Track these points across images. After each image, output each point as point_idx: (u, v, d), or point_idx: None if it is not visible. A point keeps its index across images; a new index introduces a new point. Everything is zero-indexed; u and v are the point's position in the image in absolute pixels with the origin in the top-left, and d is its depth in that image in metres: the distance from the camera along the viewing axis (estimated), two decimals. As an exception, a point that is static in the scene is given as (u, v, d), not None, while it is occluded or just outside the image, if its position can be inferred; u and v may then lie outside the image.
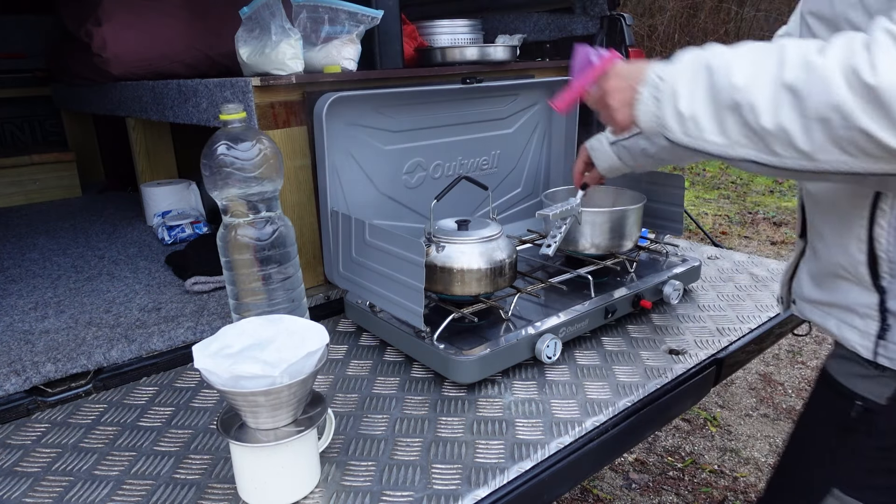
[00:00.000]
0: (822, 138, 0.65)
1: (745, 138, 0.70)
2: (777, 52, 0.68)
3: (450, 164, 1.63)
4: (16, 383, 1.10)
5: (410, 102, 1.50)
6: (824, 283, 0.87)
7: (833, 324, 0.85)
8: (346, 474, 0.91)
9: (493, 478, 0.89)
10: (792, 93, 0.65)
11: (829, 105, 0.63)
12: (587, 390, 1.12)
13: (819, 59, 0.64)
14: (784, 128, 0.66)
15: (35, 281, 1.64)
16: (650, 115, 0.80)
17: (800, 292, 0.93)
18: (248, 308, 1.14)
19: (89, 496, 0.88)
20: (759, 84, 0.68)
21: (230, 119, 1.07)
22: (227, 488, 0.89)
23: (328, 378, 1.19)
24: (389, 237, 1.16)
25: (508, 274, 1.25)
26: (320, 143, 1.30)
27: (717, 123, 0.72)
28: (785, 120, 0.66)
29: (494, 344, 1.14)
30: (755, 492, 2.10)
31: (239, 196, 1.09)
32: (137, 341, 1.24)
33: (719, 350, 1.28)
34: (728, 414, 2.54)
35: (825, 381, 0.91)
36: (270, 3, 1.40)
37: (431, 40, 1.84)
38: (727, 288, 1.58)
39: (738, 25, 7.59)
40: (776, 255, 4.21)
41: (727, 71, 0.71)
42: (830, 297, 0.85)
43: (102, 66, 1.91)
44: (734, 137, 0.71)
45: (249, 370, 0.79)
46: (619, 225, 1.43)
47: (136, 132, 2.31)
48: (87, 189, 2.84)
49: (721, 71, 0.72)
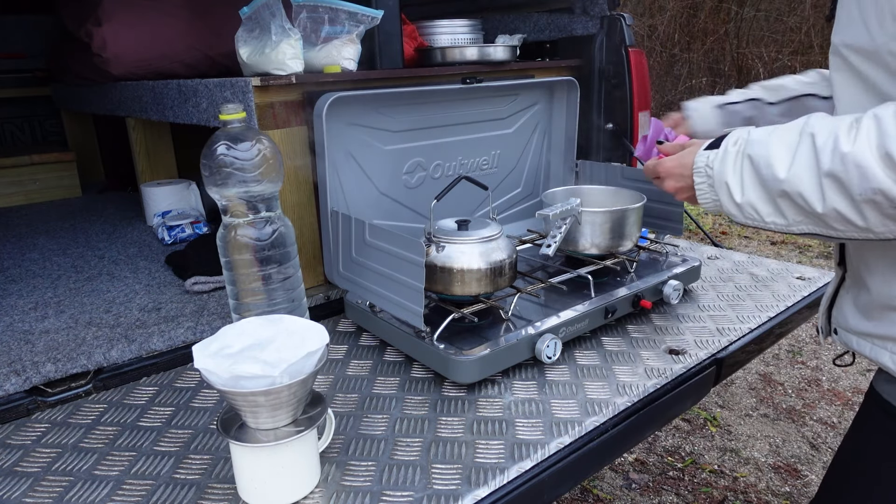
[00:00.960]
0: (874, 216, 0.67)
1: (802, 219, 0.74)
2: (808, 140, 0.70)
3: (450, 164, 1.63)
4: (16, 383, 1.10)
5: (410, 102, 1.50)
6: (877, 316, 0.85)
7: (887, 357, 0.84)
8: (346, 474, 0.91)
9: (493, 478, 0.89)
10: (834, 180, 0.68)
11: (873, 190, 0.65)
12: (587, 390, 1.12)
13: (850, 146, 0.66)
14: (837, 210, 0.69)
15: (35, 281, 1.64)
16: (710, 201, 0.85)
17: (843, 323, 0.92)
18: (247, 308, 1.14)
19: (89, 496, 0.88)
20: (801, 174, 0.71)
21: (230, 119, 1.07)
22: (227, 488, 0.89)
23: (328, 378, 1.19)
24: (389, 237, 1.16)
25: (508, 274, 1.25)
26: (320, 143, 1.30)
27: (774, 208, 0.76)
28: (836, 204, 0.69)
29: (494, 344, 1.14)
30: (755, 492, 2.11)
31: (239, 196, 1.09)
32: (137, 341, 1.24)
33: (719, 350, 1.28)
34: (728, 414, 2.54)
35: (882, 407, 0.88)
36: (270, 3, 1.40)
37: (431, 40, 1.84)
38: (727, 288, 1.58)
39: (738, 25, 7.59)
40: (776, 256, 4.21)
41: (767, 162, 0.74)
42: (884, 330, 0.84)
43: (102, 66, 1.91)
44: (792, 219, 0.75)
45: (249, 370, 0.79)
46: (619, 225, 1.43)
47: (136, 132, 2.31)
48: (87, 189, 2.83)
49: (762, 162, 0.75)
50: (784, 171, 0.72)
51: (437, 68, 1.67)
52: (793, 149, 0.72)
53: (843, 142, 0.67)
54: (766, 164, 0.75)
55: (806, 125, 0.73)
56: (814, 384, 2.73)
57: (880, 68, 0.74)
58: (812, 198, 0.71)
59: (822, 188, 0.69)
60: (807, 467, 2.22)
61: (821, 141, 0.69)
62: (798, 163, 0.71)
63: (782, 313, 1.44)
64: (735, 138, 0.82)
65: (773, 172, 0.74)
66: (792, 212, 0.74)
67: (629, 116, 1.91)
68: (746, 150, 0.78)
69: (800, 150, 0.72)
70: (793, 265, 1.73)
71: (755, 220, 0.79)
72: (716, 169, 0.82)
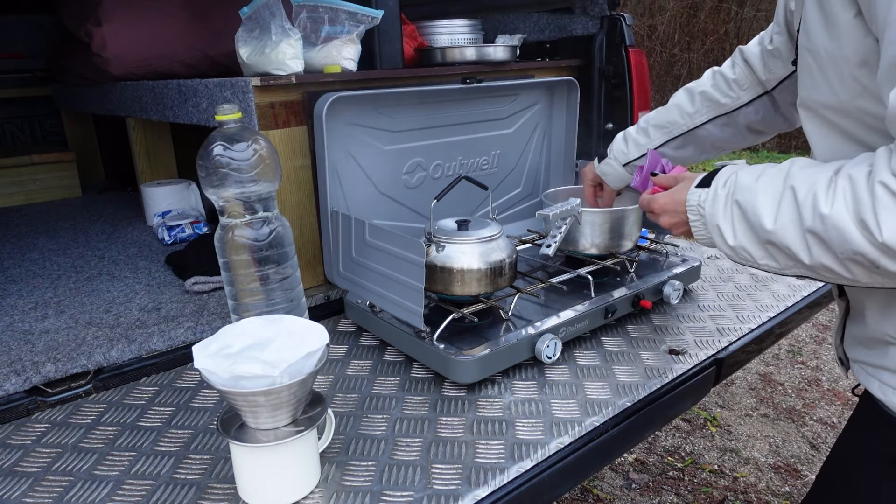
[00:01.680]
0: (859, 271, 0.69)
1: (793, 265, 0.75)
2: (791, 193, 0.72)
3: (450, 164, 1.63)
4: (16, 383, 1.10)
5: (410, 102, 1.50)
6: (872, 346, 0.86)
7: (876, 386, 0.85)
8: (346, 474, 0.91)
9: (493, 478, 0.89)
10: (817, 238, 0.69)
11: (854, 251, 0.67)
12: (587, 390, 1.12)
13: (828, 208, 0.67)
14: (823, 264, 0.71)
15: (35, 281, 1.64)
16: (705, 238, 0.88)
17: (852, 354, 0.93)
18: (246, 308, 1.14)
19: (89, 496, 0.88)
20: (787, 227, 0.72)
21: (226, 119, 1.07)
22: (227, 488, 0.89)
23: (328, 378, 1.19)
24: (389, 237, 1.16)
25: (508, 274, 1.25)
26: (320, 143, 1.30)
27: (766, 253, 0.77)
28: (821, 259, 0.71)
29: (494, 344, 1.14)
30: (755, 492, 2.11)
31: (235, 196, 1.09)
32: (137, 341, 1.24)
33: (719, 350, 1.28)
34: (728, 414, 2.54)
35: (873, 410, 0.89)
36: (270, 3, 1.40)
37: (431, 40, 1.84)
38: (727, 288, 1.58)
39: (738, 25, 7.59)
40: (776, 255, 4.20)
41: (755, 211, 0.76)
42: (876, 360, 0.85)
43: (102, 66, 1.91)
44: (784, 264, 0.77)
45: (249, 370, 0.79)
46: (619, 225, 1.43)
47: (136, 132, 2.31)
48: (87, 189, 2.84)
49: (749, 210, 0.77)
50: (770, 222, 0.74)
51: (437, 68, 1.66)
52: (777, 199, 0.74)
53: (822, 202, 0.68)
54: (753, 212, 0.77)
55: (788, 175, 0.74)
56: (814, 384, 2.73)
57: (852, 120, 0.75)
58: (798, 251, 0.72)
59: (808, 243, 0.71)
60: (807, 467, 2.21)
61: (801, 196, 0.71)
62: (782, 216, 0.73)
63: (782, 313, 1.44)
64: (724, 180, 0.83)
65: (761, 222, 0.75)
66: (782, 258, 0.76)
67: (629, 116, 1.91)
68: (735, 196, 0.80)
69: (783, 202, 0.73)
70: (793, 265, 1.73)
71: (749, 262, 0.81)
72: (707, 210, 0.84)
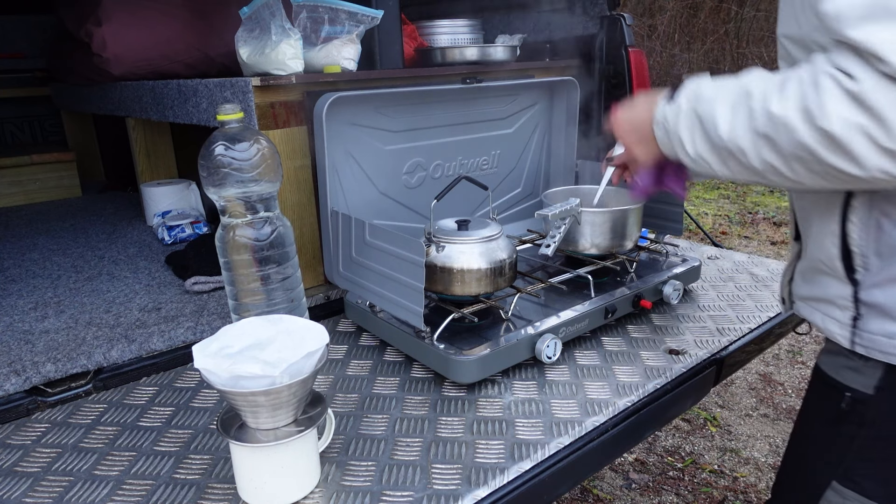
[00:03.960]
0: (803, 171, 0.73)
1: (745, 172, 0.80)
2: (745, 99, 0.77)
3: (450, 164, 1.63)
4: (16, 383, 1.10)
5: (410, 102, 1.50)
6: (810, 279, 0.92)
7: (818, 317, 0.90)
8: (346, 474, 0.91)
9: (493, 478, 0.89)
10: (766, 139, 0.74)
11: (799, 146, 0.71)
12: (587, 390, 1.12)
13: (778, 106, 0.72)
14: (771, 164, 0.75)
15: (35, 281, 1.64)
16: (669, 151, 0.92)
17: (795, 291, 0.98)
18: (247, 308, 1.14)
19: (89, 496, 0.88)
20: (739, 133, 0.77)
21: (227, 119, 1.07)
22: (227, 488, 0.89)
23: (328, 378, 1.19)
24: (389, 237, 1.16)
25: (508, 274, 1.25)
26: (320, 143, 1.30)
27: (720, 161, 0.82)
28: (769, 159, 0.75)
29: (494, 344, 1.14)
30: (755, 492, 2.10)
31: (237, 196, 1.09)
32: (137, 341, 1.24)
33: (719, 350, 1.28)
34: (728, 414, 2.54)
35: (818, 375, 0.95)
36: (270, 3, 1.40)
37: (431, 40, 1.84)
38: (727, 288, 1.58)
39: (737, 25, 7.58)
40: (776, 255, 4.21)
41: (712, 120, 0.81)
42: (815, 292, 0.91)
43: (102, 66, 1.91)
44: (735, 171, 0.81)
45: (249, 370, 0.79)
46: (619, 225, 1.43)
47: (136, 132, 2.31)
48: (87, 189, 2.83)
49: (708, 120, 0.82)
50: (726, 128, 0.79)
51: (437, 68, 1.66)
52: (732, 107, 0.78)
53: (773, 103, 0.72)
54: (711, 121, 0.81)
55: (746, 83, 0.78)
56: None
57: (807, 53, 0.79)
58: (749, 153, 0.77)
59: (757, 145, 0.75)
60: (807, 467, 2.21)
61: (755, 101, 0.75)
62: (737, 122, 0.77)
63: (782, 313, 1.44)
64: (689, 91, 0.87)
65: (717, 130, 0.80)
66: (735, 167, 0.81)
67: (629, 116, 1.91)
68: (696, 108, 0.84)
69: (738, 109, 0.77)
70: (793, 265, 1.73)
71: (707, 171, 0.86)
72: (671, 122, 0.89)
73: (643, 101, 0.98)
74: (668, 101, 0.90)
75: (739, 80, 0.80)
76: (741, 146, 0.77)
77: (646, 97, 0.98)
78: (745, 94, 0.77)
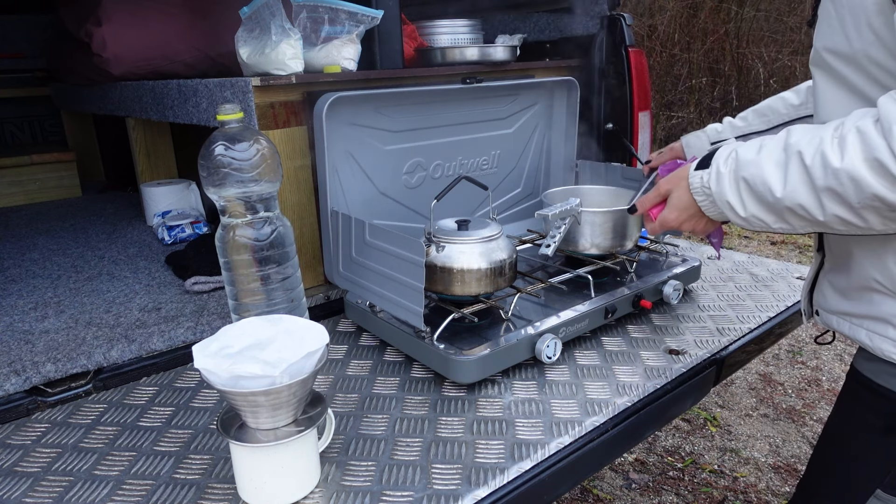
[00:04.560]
0: (874, 217, 0.72)
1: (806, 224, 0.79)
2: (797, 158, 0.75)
3: (450, 164, 1.63)
4: (16, 383, 1.10)
5: (410, 102, 1.50)
6: (853, 296, 0.90)
7: (863, 334, 0.89)
8: (346, 474, 0.91)
9: (493, 478, 0.89)
10: (831, 192, 0.72)
11: (871, 197, 0.69)
12: (587, 390, 1.12)
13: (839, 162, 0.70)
14: (838, 216, 0.74)
15: (35, 281, 1.64)
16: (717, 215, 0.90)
17: (824, 304, 0.97)
18: (247, 308, 1.14)
19: (89, 496, 0.88)
20: (798, 190, 0.75)
21: (227, 119, 1.07)
22: (227, 488, 0.89)
23: (328, 378, 1.19)
24: (389, 237, 1.16)
25: (508, 274, 1.25)
26: (320, 143, 1.30)
27: (778, 218, 0.80)
28: (836, 212, 0.73)
29: (494, 344, 1.14)
30: (755, 492, 2.11)
31: (237, 196, 1.09)
32: (137, 341, 1.24)
33: (719, 350, 1.28)
34: (728, 414, 2.54)
35: (860, 381, 0.93)
36: (270, 3, 1.40)
37: (431, 40, 1.84)
38: (727, 288, 1.58)
39: (737, 25, 7.58)
40: (776, 255, 4.21)
41: (763, 182, 0.79)
42: (862, 310, 0.89)
43: (102, 66, 1.91)
44: (797, 225, 0.79)
45: (249, 370, 0.79)
46: (619, 225, 1.43)
47: (136, 132, 2.31)
48: (87, 189, 2.84)
49: (758, 182, 0.79)
50: (780, 189, 0.77)
51: (437, 68, 1.66)
52: (783, 167, 0.77)
53: (831, 157, 0.71)
54: (762, 183, 0.79)
55: (789, 142, 0.77)
56: (814, 384, 2.73)
57: (859, 72, 0.78)
58: (812, 209, 0.75)
59: (821, 201, 0.74)
60: (807, 467, 2.22)
61: (809, 159, 0.74)
62: (792, 180, 0.76)
63: (782, 313, 1.44)
64: (724, 158, 0.86)
65: (771, 191, 0.78)
66: (795, 220, 0.79)
67: (629, 116, 1.91)
68: (740, 173, 0.82)
69: (790, 168, 0.76)
70: (793, 265, 1.73)
71: (764, 228, 0.84)
72: (714, 189, 0.87)
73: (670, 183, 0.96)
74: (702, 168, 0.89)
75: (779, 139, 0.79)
76: (801, 202, 0.76)
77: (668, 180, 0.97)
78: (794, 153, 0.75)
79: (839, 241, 0.92)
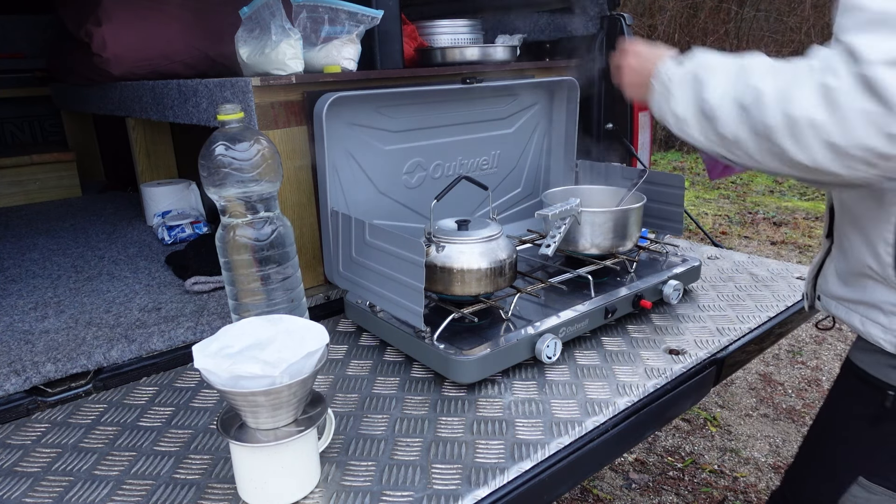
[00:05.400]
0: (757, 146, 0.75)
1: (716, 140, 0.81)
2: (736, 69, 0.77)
3: (450, 164, 1.63)
4: (16, 383, 1.10)
5: (410, 102, 1.50)
6: (851, 282, 0.92)
7: (856, 319, 0.91)
8: (346, 474, 0.91)
9: (493, 478, 0.89)
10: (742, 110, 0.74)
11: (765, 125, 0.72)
12: (587, 390, 1.12)
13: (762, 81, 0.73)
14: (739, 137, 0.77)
15: (35, 281, 1.64)
16: (658, 106, 0.91)
17: (825, 289, 0.99)
18: (247, 308, 1.14)
19: (89, 496, 0.88)
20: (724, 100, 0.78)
21: (228, 119, 1.07)
22: (227, 488, 0.89)
23: (328, 378, 1.19)
24: (389, 237, 1.16)
25: (508, 274, 1.25)
26: (320, 143, 1.30)
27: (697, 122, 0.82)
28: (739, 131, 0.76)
29: (494, 344, 1.14)
30: (755, 492, 2.11)
31: (237, 196, 1.09)
32: (137, 341, 1.24)
33: (719, 350, 1.28)
34: (728, 414, 2.54)
35: (853, 371, 0.95)
36: (270, 3, 1.40)
37: (431, 40, 1.84)
38: (727, 288, 1.58)
39: (737, 25, 7.58)
40: (776, 255, 4.21)
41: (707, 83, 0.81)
42: (856, 295, 0.91)
43: (102, 66, 1.91)
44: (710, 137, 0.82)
45: (249, 370, 0.79)
46: (619, 225, 1.43)
47: (136, 132, 2.31)
48: (87, 189, 2.84)
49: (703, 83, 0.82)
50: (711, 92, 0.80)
51: (437, 68, 1.66)
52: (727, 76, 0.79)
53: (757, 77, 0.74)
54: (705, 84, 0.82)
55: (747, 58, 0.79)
56: (814, 384, 2.73)
57: None
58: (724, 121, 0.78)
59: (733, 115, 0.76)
60: (807, 467, 2.22)
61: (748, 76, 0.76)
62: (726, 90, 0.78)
63: (782, 313, 1.44)
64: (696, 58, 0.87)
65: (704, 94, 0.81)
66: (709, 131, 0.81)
67: (629, 116, 1.91)
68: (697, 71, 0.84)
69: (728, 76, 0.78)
70: (793, 265, 1.73)
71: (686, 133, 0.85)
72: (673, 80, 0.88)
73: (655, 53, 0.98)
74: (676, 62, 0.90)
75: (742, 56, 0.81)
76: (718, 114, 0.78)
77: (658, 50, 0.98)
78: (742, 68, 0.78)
79: (842, 227, 0.93)
